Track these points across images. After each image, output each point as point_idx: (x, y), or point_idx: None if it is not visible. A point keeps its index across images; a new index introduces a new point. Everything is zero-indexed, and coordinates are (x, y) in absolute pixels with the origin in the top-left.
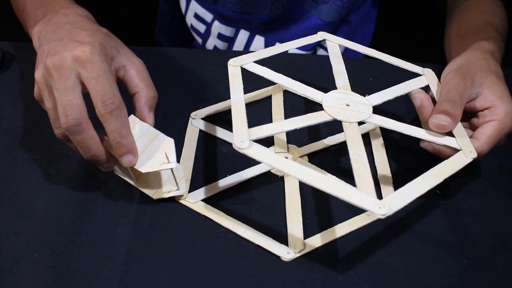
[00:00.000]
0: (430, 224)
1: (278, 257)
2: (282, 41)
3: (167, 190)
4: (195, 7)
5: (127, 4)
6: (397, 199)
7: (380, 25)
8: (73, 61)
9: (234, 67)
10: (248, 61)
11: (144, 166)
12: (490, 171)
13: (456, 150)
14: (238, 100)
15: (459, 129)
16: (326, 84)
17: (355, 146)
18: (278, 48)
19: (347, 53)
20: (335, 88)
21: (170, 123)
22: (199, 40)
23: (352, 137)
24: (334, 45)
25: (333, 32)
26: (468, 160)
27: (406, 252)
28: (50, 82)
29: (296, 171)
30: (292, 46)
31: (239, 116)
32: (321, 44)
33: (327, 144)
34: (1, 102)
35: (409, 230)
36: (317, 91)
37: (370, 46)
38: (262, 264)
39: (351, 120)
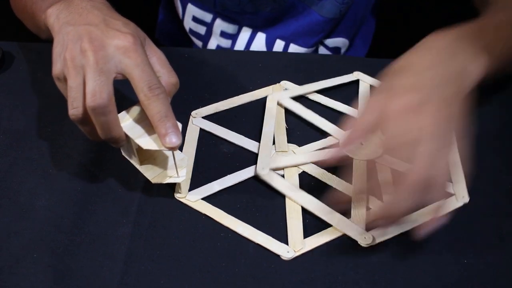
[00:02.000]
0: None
1: (278, 256)
2: (283, 37)
3: (168, 175)
4: (192, 11)
5: (127, 4)
6: (382, 233)
7: (381, 24)
8: (116, 49)
9: (271, 101)
10: (285, 97)
11: (146, 143)
12: (490, 171)
13: None
14: (268, 133)
15: (459, 173)
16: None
17: (358, 182)
18: (314, 86)
19: (348, 53)
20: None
21: None
22: (199, 43)
23: (358, 174)
24: (366, 85)
25: (334, 29)
26: (459, 204)
27: (406, 252)
28: (83, 63)
29: (305, 201)
30: (327, 85)
31: (265, 147)
32: (322, 42)
33: (328, 144)
34: (1, 102)
35: (409, 230)
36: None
37: (372, 44)
38: (262, 264)
39: (363, 158)
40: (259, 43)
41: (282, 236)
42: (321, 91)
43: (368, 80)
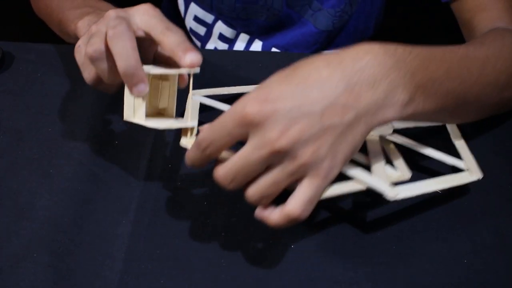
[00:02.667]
0: (430, 224)
1: (278, 256)
2: (279, 46)
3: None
4: (194, 10)
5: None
6: (406, 190)
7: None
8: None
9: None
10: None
11: (166, 71)
12: (490, 171)
13: None
14: None
15: (467, 153)
16: None
17: (376, 160)
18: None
19: None
20: None
21: None
22: (198, 43)
23: (374, 151)
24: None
25: (329, 41)
26: (472, 179)
27: (406, 252)
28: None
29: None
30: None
31: None
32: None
33: None
34: (1, 102)
35: (409, 230)
36: None
37: None
38: (262, 264)
39: (374, 133)
40: (256, 50)
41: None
42: None
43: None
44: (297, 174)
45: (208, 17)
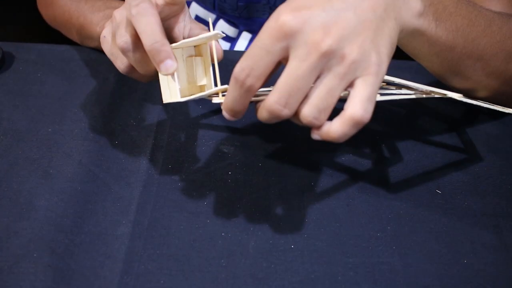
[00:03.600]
0: (430, 224)
1: (279, 255)
2: None
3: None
4: (196, 9)
5: None
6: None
7: None
8: None
9: None
10: None
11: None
12: (490, 171)
13: None
14: None
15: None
16: None
17: None
18: None
19: None
20: None
21: (169, 123)
22: None
23: None
24: None
25: None
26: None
27: (406, 252)
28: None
29: None
30: None
31: None
32: None
33: None
34: (1, 102)
35: (409, 230)
36: None
37: None
38: (262, 264)
39: None
40: None
41: None
42: None
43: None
44: (349, 75)
45: (210, 17)
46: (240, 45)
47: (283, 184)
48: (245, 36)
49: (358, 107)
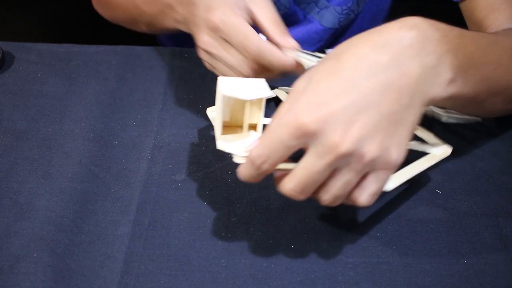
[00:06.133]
0: (430, 224)
1: (279, 255)
2: None
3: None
4: None
5: None
6: (392, 180)
7: None
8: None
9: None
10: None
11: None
12: (490, 171)
13: None
14: None
15: (428, 134)
16: None
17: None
18: None
19: None
20: None
21: (169, 123)
22: None
23: None
24: None
25: (334, 40)
26: (445, 154)
27: (406, 252)
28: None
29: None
30: None
31: None
32: (323, 51)
33: None
34: (1, 102)
35: (409, 230)
36: None
37: None
38: (262, 264)
39: None
40: None
41: None
42: None
43: None
44: (366, 169)
45: None
46: None
47: None
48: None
49: (364, 200)
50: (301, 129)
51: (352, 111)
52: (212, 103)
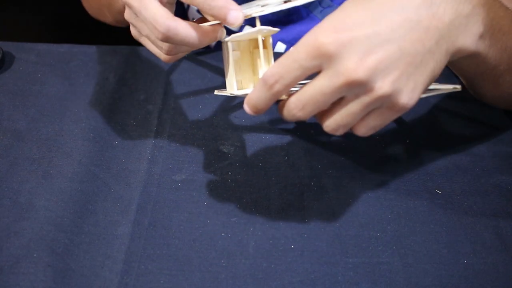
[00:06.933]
0: (430, 224)
1: (279, 255)
2: (284, 40)
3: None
4: None
5: None
6: None
7: None
8: None
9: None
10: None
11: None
12: (490, 171)
13: None
14: None
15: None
16: None
17: None
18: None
19: None
20: None
21: (169, 123)
22: None
23: None
24: None
25: None
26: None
27: (406, 252)
28: None
29: None
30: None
31: None
32: None
33: None
34: (1, 102)
35: (409, 230)
36: None
37: None
38: (262, 264)
39: None
40: None
41: None
42: None
43: None
44: (372, 106)
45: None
46: None
47: (283, 184)
48: (247, 29)
49: (362, 132)
50: (319, 49)
51: (374, 42)
52: (212, 103)
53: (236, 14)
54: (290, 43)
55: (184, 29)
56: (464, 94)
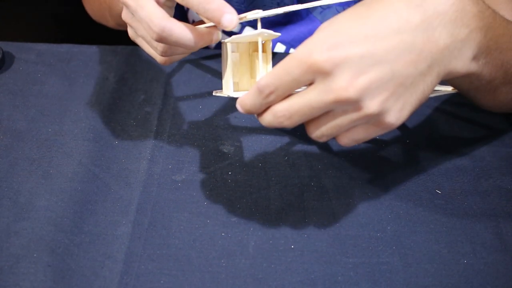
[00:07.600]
0: (430, 224)
1: (279, 255)
2: (284, 41)
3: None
4: None
5: None
6: None
7: None
8: None
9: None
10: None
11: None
12: (490, 171)
13: None
14: None
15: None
16: None
17: None
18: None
19: None
20: None
21: (169, 123)
22: None
23: None
24: None
25: None
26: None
27: (406, 252)
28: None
29: None
30: None
31: None
32: None
33: None
34: (1, 102)
35: (409, 230)
36: None
37: None
38: (262, 264)
39: None
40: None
41: None
42: None
43: None
44: (360, 122)
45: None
46: None
47: (283, 184)
48: (248, 30)
49: (345, 143)
50: (312, 66)
51: (367, 62)
52: (212, 103)
53: (230, 17)
54: (289, 44)
55: (179, 30)
56: None
